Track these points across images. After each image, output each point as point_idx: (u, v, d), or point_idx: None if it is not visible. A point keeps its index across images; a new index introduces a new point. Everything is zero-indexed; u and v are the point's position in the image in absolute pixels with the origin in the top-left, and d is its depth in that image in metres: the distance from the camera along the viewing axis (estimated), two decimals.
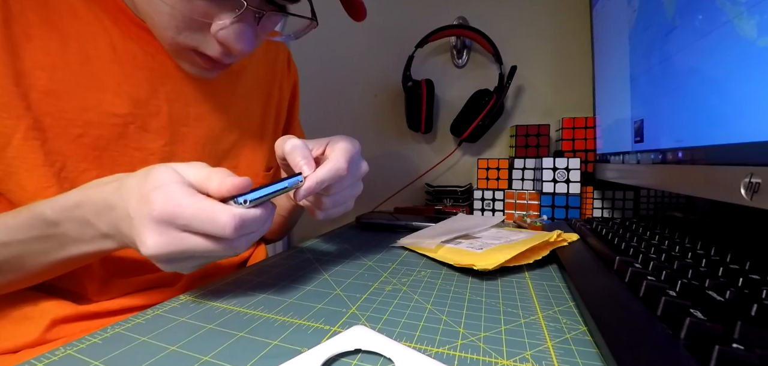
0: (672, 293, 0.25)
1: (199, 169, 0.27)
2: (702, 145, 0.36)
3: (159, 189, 0.25)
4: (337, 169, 0.33)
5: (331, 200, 0.36)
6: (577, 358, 0.22)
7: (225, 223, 0.25)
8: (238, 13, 0.33)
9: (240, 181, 0.26)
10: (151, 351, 0.23)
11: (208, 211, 0.25)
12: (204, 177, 0.27)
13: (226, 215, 0.25)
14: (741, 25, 0.30)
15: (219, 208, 0.25)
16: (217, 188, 0.26)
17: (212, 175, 0.27)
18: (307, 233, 1.00)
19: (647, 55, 0.48)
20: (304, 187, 0.31)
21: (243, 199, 0.26)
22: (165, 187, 0.25)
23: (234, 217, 0.25)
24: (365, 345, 0.22)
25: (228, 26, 0.34)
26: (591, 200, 0.68)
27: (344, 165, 0.33)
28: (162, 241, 0.25)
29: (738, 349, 0.18)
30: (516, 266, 0.38)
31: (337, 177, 0.33)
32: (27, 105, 0.32)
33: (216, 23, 0.34)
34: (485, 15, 0.83)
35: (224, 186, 0.26)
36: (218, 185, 0.26)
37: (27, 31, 0.33)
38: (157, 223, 0.25)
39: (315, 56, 0.95)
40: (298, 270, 0.39)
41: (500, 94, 0.75)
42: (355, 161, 0.36)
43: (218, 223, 0.25)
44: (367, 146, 0.93)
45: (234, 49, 0.35)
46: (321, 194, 0.35)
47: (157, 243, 0.25)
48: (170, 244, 0.25)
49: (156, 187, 0.25)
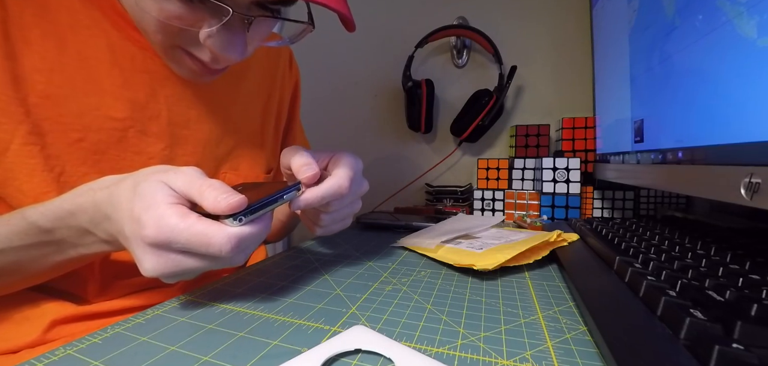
0: (672, 293, 0.25)
1: (192, 180, 0.26)
2: (702, 145, 0.36)
3: (149, 210, 0.24)
4: (339, 186, 0.33)
5: (330, 217, 0.36)
6: (577, 358, 0.22)
7: (220, 245, 0.24)
8: (225, 19, 0.31)
9: (235, 200, 0.25)
10: (151, 351, 0.23)
11: (202, 236, 0.24)
12: (197, 192, 0.26)
13: (221, 237, 0.25)
14: (741, 25, 0.30)
15: (213, 230, 0.25)
16: (211, 207, 0.25)
17: (206, 192, 0.25)
18: (307, 233, 1.00)
19: (647, 55, 0.48)
20: (302, 198, 0.31)
21: (238, 218, 0.25)
22: (155, 208, 0.24)
23: (229, 240, 0.25)
24: (365, 345, 0.22)
25: (215, 34, 0.33)
26: (591, 200, 0.68)
27: (347, 183, 0.33)
28: (160, 264, 0.25)
29: (738, 349, 0.18)
30: (516, 266, 0.38)
31: (339, 195, 0.33)
32: (26, 110, 0.32)
33: (203, 31, 0.33)
34: (485, 15, 0.83)
35: (219, 207, 0.25)
36: (212, 205, 0.25)
37: (25, 35, 0.33)
38: (152, 247, 0.25)
39: (315, 57, 0.95)
40: (298, 270, 0.39)
41: (500, 94, 0.75)
42: (357, 180, 0.35)
43: (213, 246, 0.24)
44: (367, 146, 0.93)
45: (222, 58, 0.34)
46: (320, 211, 0.35)
47: (154, 266, 0.25)
48: (167, 266, 0.25)
49: (146, 208, 0.24)
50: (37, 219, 0.29)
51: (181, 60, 0.37)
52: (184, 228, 0.24)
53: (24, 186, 0.33)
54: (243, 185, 0.35)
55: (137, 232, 0.25)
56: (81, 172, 0.35)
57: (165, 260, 0.25)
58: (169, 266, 0.25)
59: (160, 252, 0.25)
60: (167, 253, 0.25)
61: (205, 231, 0.24)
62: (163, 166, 0.28)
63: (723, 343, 0.18)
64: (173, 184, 0.26)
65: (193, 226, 0.24)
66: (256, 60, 0.51)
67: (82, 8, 0.35)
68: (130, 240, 0.25)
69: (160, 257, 0.25)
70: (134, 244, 0.25)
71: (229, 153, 0.47)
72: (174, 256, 0.25)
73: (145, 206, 0.24)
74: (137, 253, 0.25)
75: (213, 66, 0.36)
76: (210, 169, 0.45)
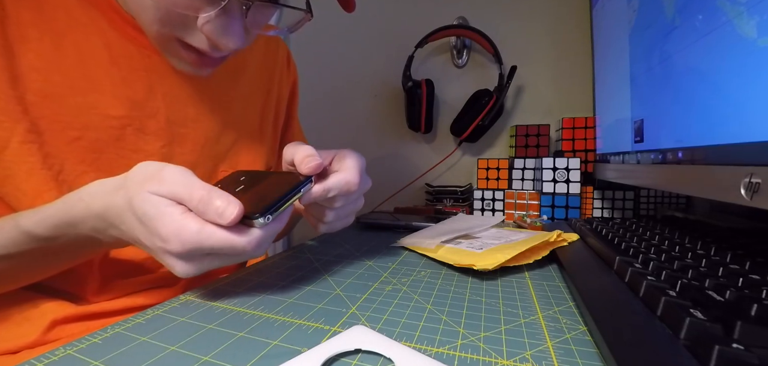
0: (672, 293, 0.25)
1: (189, 191, 0.26)
2: (702, 145, 0.36)
3: (165, 227, 0.25)
4: (347, 181, 0.33)
5: (335, 214, 0.36)
6: (577, 358, 0.22)
7: (244, 245, 0.26)
8: (223, 4, 0.31)
9: (240, 210, 0.26)
10: (151, 351, 0.23)
11: (226, 240, 0.26)
12: (198, 205, 0.26)
13: (244, 240, 0.26)
14: (741, 25, 0.30)
15: (235, 233, 0.26)
16: (216, 219, 0.26)
17: (209, 207, 0.25)
18: (307, 233, 1.00)
19: (647, 55, 0.48)
20: (313, 190, 0.31)
21: (264, 218, 0.27)
22: (170, 223, 0.25)
23: (250, 241, 0.26)
24: (365, 345, 0.22)
25: (213, 19, 0.32)
26: (591, 200, 0.68)
27: (356, 178, 0.33)
28: (191, 269, 0.27)
29: (738, 349, 0.18)
30: (516, 266, 0.38)
31: (347, 189, 0.33)
32: (24, 108, 0.32)
33: (201, 16, 0.33)
34: (485, 15, 0.83)
35: (226, 219, 0.25)
36: (219, 217, 0.25)
37: (22, 33, 0.33)
38: (180, 256, 0.26)
39: (315, 56, 0.95)
40: (298, 270, 0.39)
41: (500, 94, 0.75)
42: (363, 177, 0.36)
43: (238, 247, 0.26)
44: (367, 146, 0.93)
45: (220, 44, 0.34)
46: (325, 206, 0.35)
47: (186, 271, 0.27)
48: (198, 269, 0.27)
49: (160, 225, 0.25)
50: (31, 228, 0.29)
51: (179, 52, 0.36)
52: (207, 235, 0.25)
53: (23, 184, 0.33)
54: (247, 174, 0.34)
55: (161, 247, 0.26)
56: (80, 171, 0.35)
57: (195, 265, 0.27)
58: (201, 268, 0.27)
59: (188, 259, 0.27)
60: (195, 259, 0.27)
61: (227, 235, 0.26)
62: (147, 172, 0.27)
63: (723, 343, 0.18)
64: (163, 192, 0.26)
65: (216, 233, 0.26)
66: (253, 58, 0.51)
67: (79, 7, 0.35)
68: (156, 253, 0.27)
69: (190, 264, 0.27)
70: (160, 255, 0.27)
71: (228, 150, 0.47)
72: (201, 258, 0.27)
73: (159, 223, 0.25)
74: (166, 261, 0.27)
75: (211, 54, 0.36)
76: (208, 166, 0.45)
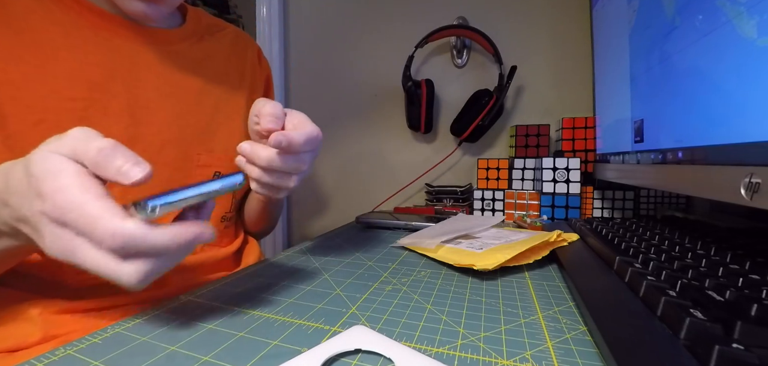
0: (672, 293, 0.25)
1: (86, 144, 0.22)
2: (702, 145, 0.36)
3: (44, 181, 0.21)
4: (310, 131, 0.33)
5: (270, 170, 0.34)
6: (577, 358, 0.22)
7: (102, 236, 0.20)
8: None
9: (148, 172, 0.21)
10: (151, 351, 0.23)
11: (89, 218, 0.20)
12: (97, 157, 0.21)
13: (104, 229, 0.20)
14: (741, 25, 0.30)
15: (103, 214, 0.20)
16: (116, 177, 0.21)
17: (110, 163, 0.21)
18: (307, 233, 1.00)
19: (647, 55, 0.48)
20: (273, 137, 0.31)
21: (151, 206, 0.20)
22: (53, 182, 0.21)
23: (114, 235, 0.20)
24: (365, 345, 0.22)
25: None
26: (591, 200, 0.68)
27: (299, 139, 0.33)
28: (55, 244, 0.21)
29: (738, 349, 0.18)
30: (516, 266, 0.38)
31: (287, 144, 0.32)
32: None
33: None
34: (485, 15, 0.83)
35: (130, 178, 0.20)
36: (121, 175, 0.21)
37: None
38: (53, 221, 0.21)
39: (315, 56, 0.95)
40: (298, 270, 0.39)
41: (500, 94, 0.75)
42: (312, 140, 0.34)
43: (96, 233, 0.20)
44: (367, 146, 0.93)
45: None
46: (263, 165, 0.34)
47: (50, 246, 0.21)
48: (61, 247, 0.21)
49: (40, 180, 0.21)
50: None
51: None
52: (79, 204, 0.20)
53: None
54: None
55: (39, 210, 0.21)
56: None
57: (60, 240, 0.21)
58: (62, 247, 0.21)
59: (57, 227, 0.21)
60: (63, 230, 0.21)
61: (95, 213, 0.20)
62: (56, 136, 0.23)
63: (723, 343, 0.18)
64: (62, 149, 0.22)
65: (88, 204, 0.20)
66: (219, 50, 0.52)
67: (34, 1, 0.37)
68: (29, 219, 0.22)
69: (56, 235, 0.21)
70: (33, 222, 0.22)
71: (201, 133, 0.47)
72: (72, 238, 0.21)
73: (42, 180, 0.21)
74: (40, 229, 0.21)
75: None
76: (181, 149, 0.45)
